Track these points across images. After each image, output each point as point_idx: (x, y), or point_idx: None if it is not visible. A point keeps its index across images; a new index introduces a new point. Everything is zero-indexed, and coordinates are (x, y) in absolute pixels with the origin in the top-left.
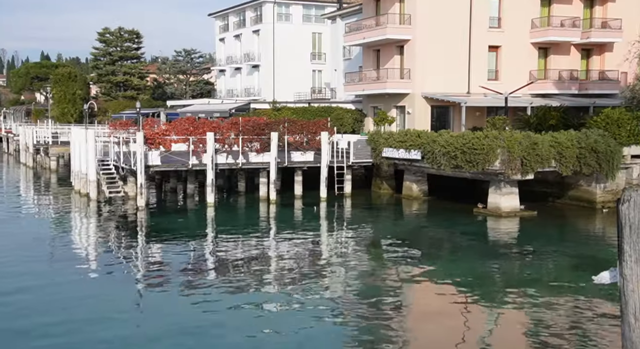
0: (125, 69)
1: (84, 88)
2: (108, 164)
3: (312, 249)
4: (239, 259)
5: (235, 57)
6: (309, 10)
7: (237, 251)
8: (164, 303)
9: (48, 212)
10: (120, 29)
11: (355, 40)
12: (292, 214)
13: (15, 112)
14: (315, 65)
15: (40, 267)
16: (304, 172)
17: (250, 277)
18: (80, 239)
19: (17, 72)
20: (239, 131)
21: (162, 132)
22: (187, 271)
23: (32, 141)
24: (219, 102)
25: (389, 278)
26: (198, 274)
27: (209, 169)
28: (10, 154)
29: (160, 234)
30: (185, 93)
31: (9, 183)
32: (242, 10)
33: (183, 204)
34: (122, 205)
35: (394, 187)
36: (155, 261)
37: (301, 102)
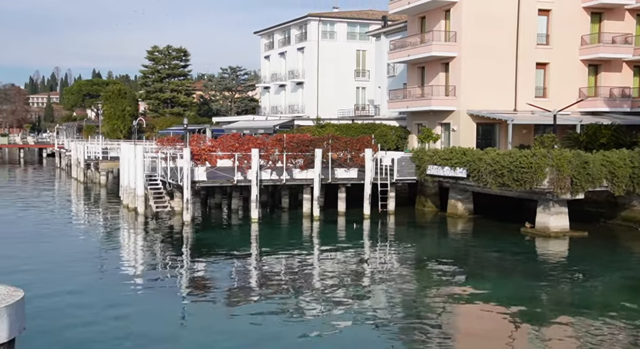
0: (172, 86)
1: (133, 105)
2: (155, 180)
3: (355, 266)
4: (282, 276)
5: (280, 74)
6: (354, 28)
7: (281, 267)
8: (208, 319)
9: (97, 227)
10: (169, 48)
11: (399, 58)
12: (335, 231)
13: (68, 128)
14: (359, 83)
15: (88, 281)
16: (347, 189)
17: (294, 294)
18: (128, 254)
19: (70, 90)
20: (283, 147)
21: (208, 148)
22: (232, 286)
23: (83, 156)
24: (264, 119)
25: (433, 298)
26: (242, 290)
27: (254, 185)
28: (63, 169)
29: (205, 249)
30: (230, 110)
31: (60, 197)
32: (287, 28)
33: (227, 220)
34: (168, 220)
35: (439, 205)
36: (200, 276)
37: (345, 119)
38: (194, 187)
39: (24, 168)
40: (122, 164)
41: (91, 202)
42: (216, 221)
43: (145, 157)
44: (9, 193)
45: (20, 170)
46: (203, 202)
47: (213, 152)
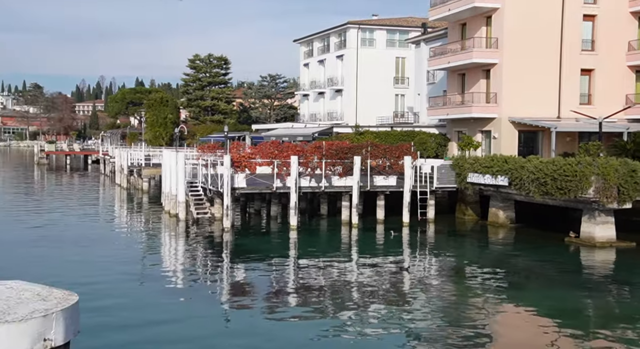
0: (213, 94)
1: (174, 112)
2: (196, 186)
3: (394, 275)
4: (320, 283)
5: (319, 81)
6: (393, 35)
7: (319, 274)
8: (248, 324)
9: (140, 232)
10: (210, 56)
11: (439, 65)
12: (374, 238)
13: (112, 135)
14: (398, 90)
15: (132, 285)
16: (386, 197)
17: (332, 301)
18: (169, 259)
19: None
20: (322, 154)
21: (247, 155)
22: (271, 293)
23: (126, 162)
24: (302, 126)
25: (473, 307)
26: (281, 296)
27: (293, 192)
28: (107, 175)
29: (244, 255)
30: (269, 117)
31: (104, 203)
32: (326, 36)
33: (266, 226)
34: (208, 226)
35: (479, 214)
36: (239, 282)
37: (384, 127)
38: (233, 193)
39: (70, 174)
40: (164, 170)
41: (134, 208)
42: (255, 228)
43: (186, 164)
44: (56, 199)
45: (67, 176)
46: (242, 208)
47: (253, 159)
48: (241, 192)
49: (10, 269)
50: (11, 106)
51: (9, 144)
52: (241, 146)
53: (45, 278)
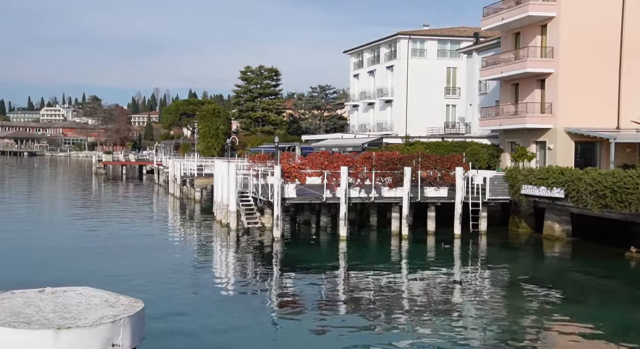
0: (264, 105)
1: (226, 123)
2: (247, 196)
3: (444, 287)
4: (370, 295)
5: (369, 92)
6: (444, 45)
7: (369, 285)
8: (297, 334)
9: (192, 241)
10: (261, 68)
11: (492, 75)
12: (425, 250)
13: (166, 146)
14: (449, 100)
15: (184, 293)
16: (437, 208)
17: (381, 313)
18: (221, 268)
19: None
20: (372, 165)
21: (297, 166)
22: (320, 303)
23: (179, 172)
24: (352, 137)
25: (528, 323)
26: (330, 307)
27: (342, 203)
28: (161, 185)
29: (294, 265)
30: (319, 128)
31: (158, 212)
32: (376, 47)
33: (316, 237)
34: (259, 235)
35: (534, 226)
36: (289, 292)
37: (434, 137)
38: (283, 204)
39: (125, 184)
40: (216, 180)
41: (186, 218)
42: (305, 238)
43: (237, 175)
44: (112, 208)
45: (123, 186)
46: (292, 218)
47: (303, 169)
48: (291, 203)
49: (68, 275)
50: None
51: (69, 154)
52: (291, 157)
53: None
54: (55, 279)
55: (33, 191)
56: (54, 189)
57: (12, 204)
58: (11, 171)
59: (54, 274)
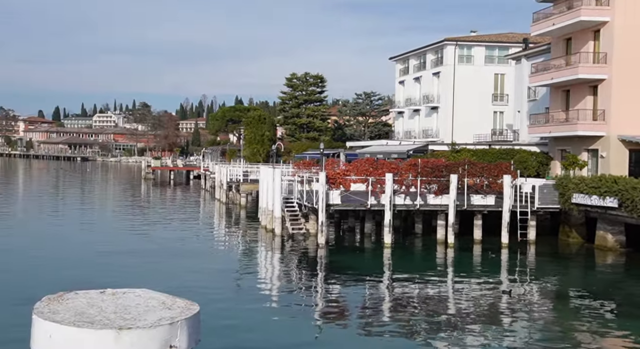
0: (309, 111)
1: (271, 130)
2: (292, 202)
3: (491, 298)
4: (415, 303)
5: (414, 99)
6: (492, 51)
7: (413, 293)
8: (341, 341)
9: (237, 246)
10: (306, 74)
11: (542, 81)
12: (471, 259)
13: (212, 152)
14: (496, 107)
15: (230, 297)
16: (484, 217)
17: (426, 322)
18: (266, 273)
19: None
20: (417, 172)
21: (342, 172)
22: (364, 310)
23: (225, 178)
24: (397, 144)
25: (578, 336)
26: (374, 314)
27: (387, 210)
28: (207, 190)
29: (338, 272)
30: (363, 134)
31: (204, 217)
32: (422, 53)
33: (360, 243)
34: (303, 241)
35: (585, 236)
36: (333, 298)
37: (481, 144)
38: (328, 210)
39: (173, 189)
40: (261, 186)
41: (232, 223)
42: (349, 244)
43: (282, 181)
44: (160, 212)
45: (171, 191)
46: (337, 225)
47: (347, 176)
48: (335, 209)
49: (118, 277)
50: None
51: (119, 159)
52: (336, 163)
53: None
54: (106, 281)
55: (86, 196)
56: (106, 194)
57: (67, 208)
58: (65, 176)
59: (104, 276)
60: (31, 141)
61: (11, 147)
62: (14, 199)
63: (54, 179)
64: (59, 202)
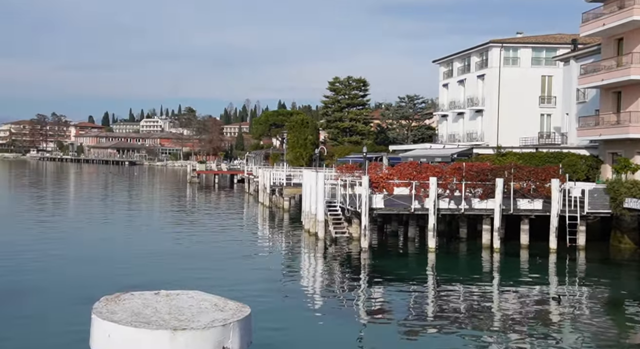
0: (351, 115)
1: (314, 134)
2: (335, 206)
3: (539, 304)
4: (459, 309)
5: (458, 102)
6: (539, 53)
7: (458, 299)
8: (383, 345)
9: (281, 249)
10: (349, 78)
11: (591, 82)
12: (517, 264)
13: (256, 156)
14: (543, 109)
15: (273, 300)
16: (530, 221)
17: (472, 328)
18: (309, 276)
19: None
20: (461, 176)
21: (385, 176)
22: (408, 315)
23: (268, 182)
24: (441, 147)
25: (632, 345)
26: (419, 319)
27: (431, 214)
28: (251, 194)
29: (381, 276)
30: (406, 138)
31: (248, 220)
32: (467, 56)
33: (404, 247)
34: (346, 245)
35: (638, 242)
36: (376, 302)
37: (527, 148)
38: (371, 214)
39: (217, 192)
40: (304, 190)
41: (275, 226)
42: (393, 249)
43: (325, 184)
44: (205, 215)
45: (215, 194)
46: (380, 229)
47: (390, 180)
48: (379, 213)
49: (167, 279)
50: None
51: (166, 163)
52: (379, 167)
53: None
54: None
55: (134, 199)
56: (153, 198)
57: (117, 212)
58: (114, 180)
59: (153, 278)
60: (82, 145)
61: (63, 152)
62: (68, 204)
63: (104, 183)
64: (108, 206)
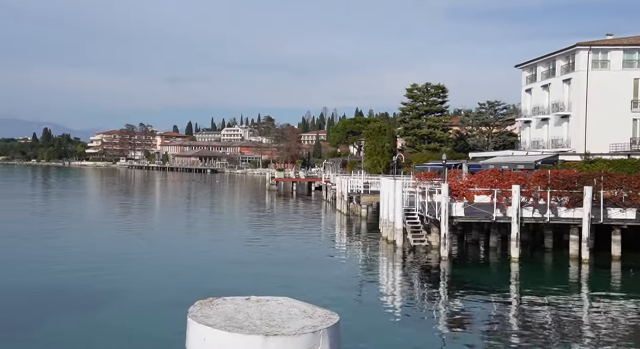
0: (430, 122)
1: (392, 141)
2: (413, 214)
3: (634, 320)
4: (545, 322)
5: (543, 107)
6: (631, 55)
7: (544, 313)
8: None
9: (358, 257)
10: (428, 85)
11: None
12: (609, 277)
13: (334, 163)
14: (636, 114)
15: (352, 307)
16: (623, 232)
17: (557, 345)
18: (387, 285)
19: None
20: (547, 184)
21: (466, 184)
22: (491, 328)
23: (346, 190)
24: (524, 154)
25: None
26: (501, 331)
27: (514, 223)
28: (329, 202)
29: (462, 286)
30: (487, 145)
31: (326, 228)
32: (552, 60)
33: (485, 257)
34: (425, 254)
35: None
36: (457, 313)
37: (618, 155)
38: (451, 222)
39: (296, 200)
40: (382, 198)
41: (353, 234)
42: (473, 258)
43: (403, 192)
44: (283, 222)
45: (293, 201)
46: (460, 238)
47: (471, 188)
48: (459, 222)
49: (250, 285)
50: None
51: (246, 171)
52: (458, 175)
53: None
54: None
55: (216, 206)
56: (233, 205)
57: (200, 218)
58: (197, 187)
59: (238, 283)
60: (167, 154)
61: (150, 161)
62: (154, 210)
63: (187, 191)
64: (192, 213)
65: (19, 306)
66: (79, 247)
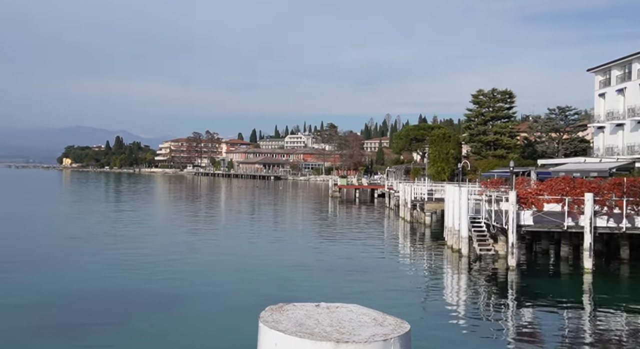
0: (496, 128)
1: (456, 148)
2: (479, 222)
3: None
4: (620, 337)
5: (617, 112)
6: None
7: (620, 327)
8: None
9: (422, 265)
10: (494, 90)
11: None
12: None
13: (396, 170)
14: None
15: (414, 316)
16: None
17: None
18: (452, 294)
19: (399, 135)
20: (622, 192)
21: (534, 191)
22: (561, 341)
23: (409, 197)
24: (597, 161)
25: None
26: (572, 346)
27: (587, 232)
28: (391, 209)
29: (531, 297)
30: (557, 151)
31: (389, 235)
32: (627, 63)
33: (555, 267)
34: (492, 263)
35: None
36: (525, 325)
37: None
38: (519, 231)
39: (358, 207)
40: (447, 205)
41: (417, 242)
42: (542, 268)
43: (469, 200)
44: (347, 229)
45: (356, 208)
46: (528, 247)
47: (540, 195)
48: (527, 230)
49: (314, 292)
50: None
51: (308, 178)
52: (526, 182)
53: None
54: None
55: (279, 213)
56: (296, 211)
57: (264, 225)
58: (261, 194)
59: (301, 290)
60: (232, 161)
61: (215, 167)
62: (220, 216)
63: (251, 197)
64: (256, 219)
65: (92, 310)
66: (152, 253)
